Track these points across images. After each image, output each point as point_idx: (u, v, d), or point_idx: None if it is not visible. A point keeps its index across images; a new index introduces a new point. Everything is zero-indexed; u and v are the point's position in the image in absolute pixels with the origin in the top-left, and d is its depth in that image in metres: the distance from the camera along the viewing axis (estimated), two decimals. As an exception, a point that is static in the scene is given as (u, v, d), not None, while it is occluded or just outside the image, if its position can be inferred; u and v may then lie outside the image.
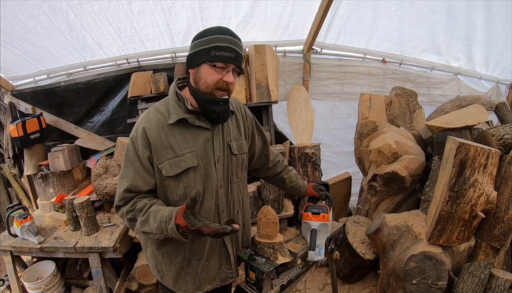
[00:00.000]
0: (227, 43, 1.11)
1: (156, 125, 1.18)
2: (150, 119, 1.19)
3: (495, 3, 2.91)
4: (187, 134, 1.20)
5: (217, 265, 1.34)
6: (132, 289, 2.47)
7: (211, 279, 1.33)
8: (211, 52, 1.11)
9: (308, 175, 2.99)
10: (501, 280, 1.87)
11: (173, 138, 1.18)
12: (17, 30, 2.60)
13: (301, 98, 3.21)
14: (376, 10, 2.89)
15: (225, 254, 1.35)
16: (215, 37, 1.12)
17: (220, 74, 1.13)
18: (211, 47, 1.11)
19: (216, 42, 1.11)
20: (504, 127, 2.14)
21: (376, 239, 2.33)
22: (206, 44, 1.12)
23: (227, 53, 1.11)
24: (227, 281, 1.38)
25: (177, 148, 1.18)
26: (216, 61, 1.11)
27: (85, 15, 2.56)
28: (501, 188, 1.99)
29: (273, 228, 1.42)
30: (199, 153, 1.21)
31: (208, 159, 1.23)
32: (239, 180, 1.36)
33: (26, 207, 2.53)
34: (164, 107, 1.22)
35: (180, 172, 1.17)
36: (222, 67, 1.12)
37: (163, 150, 1.17)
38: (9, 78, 3.16)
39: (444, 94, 3.66)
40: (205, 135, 1.23)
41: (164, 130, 1.18)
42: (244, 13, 2.81)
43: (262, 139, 1.54)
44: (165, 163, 1.17)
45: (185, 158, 1.18)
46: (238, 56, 1.15)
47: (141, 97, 3.02)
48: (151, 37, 2.90)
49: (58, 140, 3.22)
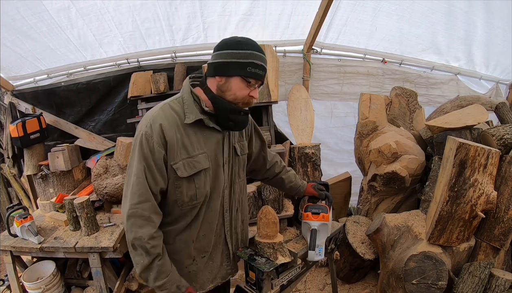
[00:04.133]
0: (262, 62, 1.15)
1: (173, 123, 1.15)
2: (167, 117, 1.15)
3: (495, 3, 2.91)
4: (199, 135, 1.20)
5: (219, 263, 1.37)
6: (132, 289, 2.47)
7: (213, 278, 1.37)
8: (247, 67, 1.13)
9: (308, 175, 2.99)
10: (501, 280, 1.87)
11: (187, 138, 1.17)
12: (18, 26, 2.59)
13: (301, 98, 3.21)
14: (376, 10, 2.89)
15: (226, 251, 1.38)
16: (252, 53, 1.14)
17: (249, 89, 1.17)
18: (248, 62, 1.12)
19: (253, 59, 1.13)
20: (504, 127, 2.14)
21: (376, 239, 2.33)
22: (242, 58, 1.12)
23: (261, 71, 1.15)
24: (227, 278, 1.43)
25: (190, 148, 1.17)
26: (250, 78, 1.14)
27: (87, 9, 2.56)
28: (501, 188, 1.99)
29: (273, 228, 1.42)
30: (210, 155, 1.22)
31: (218, 161, 1.25)
32: (241, 180, 1.40)
33: (26, 207, 2.53)
34: (178, 106, 1.19)
35: (193, 174, 1.18)
36: (253, 83, 1.17)
37: (178, 150, 1.15)
38: (9, 78, 3.16)
39: (442, 95, 3.66)
40: (217, 137, 1.24)
41: (179, 130, 1.16)
42: (244, 11, 2.81)
43: (260, 141, 1.55)
44: (179, 164, 1.15)
45: (199, 159, 1.18)
46: (265, 73, 1.19)
47: (141, 97, 3.02)
48: (152, 33, 2.90)
49: (58, 140, 3.21)
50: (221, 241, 1.35)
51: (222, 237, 1.34)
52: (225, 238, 1.36)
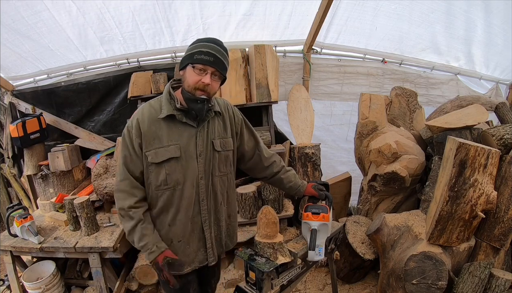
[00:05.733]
0: (208, 49, 1.29)
1: (148, 118, 1.36)
2: (144, 113, 1.37)
3: (494, 3, 2.91)
4: (174, 129, 1.37)
5: (196, 248, 1.48)
6: (132, 289, 2.47)
7: (190, 262, 1.48)
8: (194, 56, 1.30)
9: (308, 175, 2.99)
10: (501, 280, 1.87)
11: (161, 130, 1.36)
12: (18, 26, 2.60)
13: (301, 98, 3.21)
14: (376, 10, 2.90)
15: (203, 239, 1.48)
16: (200, 44, 1.31)
17: (199, 75, 1.30)
18: (195, 52, 1.30)
19: (200, 48, 1.30)
20: (504, 127, 2.14)
21: (376, 239, 2.33)
22: (192, 50, 1.32)
23: (206, 57, 1.29)
24: (204, 262, 1.52)
25: (164, 139, 1.35)
26: (196, 63, 1.29)
27: (87, 8, 2.57)
28: (501, 188, 1.99)
29: (273, 228, 1.43)
30: (182, 146, 1.37)
31: (190, 153, 1.39)
32: (222, 174, 1.49)
33: (26, 207, 2.53)
34: (157, 103, 1.39)
35: (163, 160, 1.35)
36: (201, 69, 1.30)
37: (151, 140, 1.35)
38: (9, 78, 3.16)
39: (442, 95, 3.66)
40: (190, 131, 1.39)
41: (154, 123, 1.36)
42: (244, 11, 2.82)
43: (253, 139, 1.62)
44: (151, 152, 1.35)
45: (169, 149, 1.35)
46: (217, 61, 1.31)
47: (141, 97, 3.02)
48: (152, 33, 2.90)
49: (58, 140, 3.22)
50: (197, 228, 1.45)
51: (198, 225, 1.45)
52: (201, 227, 1.45)
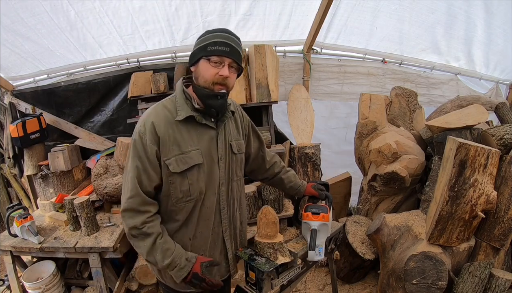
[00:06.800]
0: (223, 39, 1.16)
1: (165, 120, 1.19)
2: (158, 114, 1.20)
3: (494, 3, 2.90)
4: (192, 132, 1.22)
5: (218, 261, 1.37)
6: (132, 289, 2.47)
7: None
8: (207, 47, 1.16)
9: (308, 175, 2.99)
10: (501, 280, 1.87)
11: (180, 134, 1.20)
12: (18, 28, 2.60)
13: (301, 98, 3.21)
14: (376, 10, 2.89)
15: (224, 251, 1.38)
16: (212, 34, 1.18)
17: (216, 68, 1.17)
18: (207, 43, 1.16)
19: (213, 39, 1.16)
20: (504, 127, 2.14)
21: (376, 239, 2.33)
22: (204, 42, 1.18)
23: (222, 47, 1.15)
24: (225, 275, 1.43)
25: (182, 145, 1.20)
26: (211, 55, 1.16)
27: (86, 13, 2.57)
28: (501, 188, 1.99)
29: (273, 228, 1.42)
30: (203, 151, 1.23)
31: (212, 157, 1.26)
32: (238, 178, 1.40)
33: (26, 207, 2.53)
34: (171, 104, 1.23)
35: (186, 169, 1.20)
36: (218, 61, 1.16)
37: (170, 146, 1.18)
38: (9, 78, 3.16)
39: (443, 95, 3.66)
40: (210, 134, 1.26)
41: (171, 126, 1.19)
42: (244, 11, 2.81)
43: (258, 140, 1.57)
44: (172, 159, 1.18)
45: (191, 155, 1.20)
46: (233, 51, 1.18)
47: (141, 97, 3.02)
48: (152, 34, 2.90)
49: (58, 140, 3.21)
50: (219, 240, 1.35)
51: (219, 236, 1.35)
52: (223, 237, 1.36)
